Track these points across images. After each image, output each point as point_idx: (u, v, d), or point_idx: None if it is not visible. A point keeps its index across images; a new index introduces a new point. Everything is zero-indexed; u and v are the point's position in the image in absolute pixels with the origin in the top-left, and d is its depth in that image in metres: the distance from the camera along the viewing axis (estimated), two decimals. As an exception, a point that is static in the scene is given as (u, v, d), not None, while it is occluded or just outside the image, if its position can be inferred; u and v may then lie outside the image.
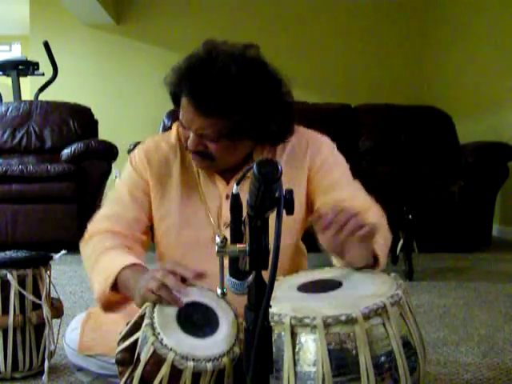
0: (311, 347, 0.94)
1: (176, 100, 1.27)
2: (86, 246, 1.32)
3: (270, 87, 1.23)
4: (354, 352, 0.93)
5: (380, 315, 0.95)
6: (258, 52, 1.25)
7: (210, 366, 0.97)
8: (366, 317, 0.94)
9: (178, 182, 1.34)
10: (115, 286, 1.19)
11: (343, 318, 0.93)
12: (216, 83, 1.16)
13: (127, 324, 1.07)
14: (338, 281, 1.08)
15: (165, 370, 0.96)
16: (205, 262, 1.13)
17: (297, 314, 0.96)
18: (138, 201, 1.33)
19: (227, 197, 1.30)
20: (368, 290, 1.03)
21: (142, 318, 1.03)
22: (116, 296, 1.22)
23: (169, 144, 1.37)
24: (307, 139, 1.36)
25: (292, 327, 0.95)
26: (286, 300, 1.03)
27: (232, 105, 1.17)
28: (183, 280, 1.09)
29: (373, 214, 1.24)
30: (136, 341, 1.02)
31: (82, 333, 1.33)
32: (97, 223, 1.34)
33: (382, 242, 1.17)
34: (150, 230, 1.39)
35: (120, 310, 1.25)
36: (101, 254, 1.25)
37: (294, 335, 0.95)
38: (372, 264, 1.16)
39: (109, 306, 1.24)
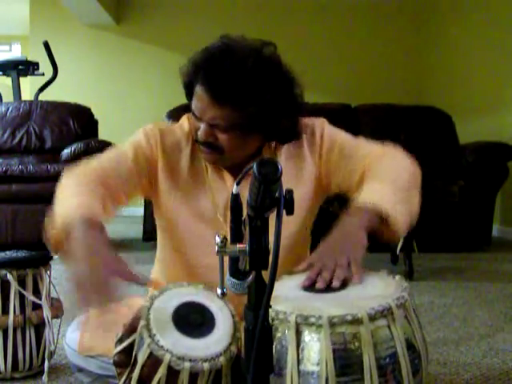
0: (315, 346, 0.94)
1: (189, 90, 1.27)
2: (70, 176, 1.28)
3: (283, 85, 1.24)
4: (358, 352, 0.92)
5: (385, 317, 0.95)
6: (275, 51, 1.26)
7: (206, 366, 0.96)
8: (372, 318, 0.93)
9: (187, 171, 1.33)
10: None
11: (349, 317, 0.93)
12: (232, 73, 1.18)
13: (123, 326, 1.07)
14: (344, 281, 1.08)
15: (162, 372, 0.96)
16: (210, 254, 1.13)
17: (302, 312, 0.96)
18: (138, 163, 1.30)
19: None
20: (374, 291, 1.03)
21: (137, 319, 1.03)
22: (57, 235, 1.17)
23: (182, 131, 1.36)
24: (305, 136, 1.36)
25: (297, 325, 0.95)
26: (292, 299, 1.02)
27: (247, 96, 1.19)
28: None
29: (388, 159, 1.26)
30: (133, 343, 1.01)
31: (82, 333, 1.33)
32: (90, 165, 1.32)
33: (392, 197, 1.16)
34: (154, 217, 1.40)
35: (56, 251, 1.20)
36: (73, 195, 1.20)
37: (298, 334, 0.95)
38: (381, 222, 1.14)
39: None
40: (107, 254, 1.05)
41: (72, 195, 1.20)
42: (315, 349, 0.94)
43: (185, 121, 1.38)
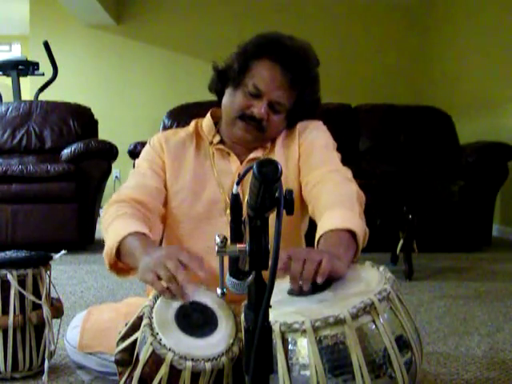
0: (303, 351, 0.94)
1: (241, 70, 1.34)
2: (107, 210, 1.36)
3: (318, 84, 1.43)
4: (346, 352, 0.92)
5: (369, 313, 0.95)
6: None
7: (208, 365, 0.97)
8: (355, 316, 0.93)
9: (192, 161, 1.43)
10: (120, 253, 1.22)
11: (331, 320, 0.92)
12: (302, 54, 1.32)
13: (126, 324, 1.07)
14: (328, 279, 1.08)
15: (164, 370, 0.96)
16: (213, 234, 1.14)
17: (286, 319, 0.96)
18: (157, 174, 1.42)
19: (239, 175, 1.33)
20: (356, 288, 1.03)
21: (140, 318, 1.03)
22: (122, 264, 1.25)
23: (186, 133, 1.48)
24: (298, 127, 1.45)
25: (282, 333, 0.95)
26: (276, 306, 1.02)
27: (312, 85, 1.35)
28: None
29: (336, 182, 1.29)
30: (135, 341, 1.02)
31: (83, 331, 1.34)
32: (121, 191, 1.40)
33: (350, 214, 1.19)
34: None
35: (124, 276, 1.29)
36: (115, 219, 1.29)
37: (285, 341, 0.95)
38: (352, 239, 1.16)
39: (116, 269, 1.27)
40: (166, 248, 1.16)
41: (114, 222, 1.29)
42: (303, 354, 0.94)
43: (192, 124, 1.50)
